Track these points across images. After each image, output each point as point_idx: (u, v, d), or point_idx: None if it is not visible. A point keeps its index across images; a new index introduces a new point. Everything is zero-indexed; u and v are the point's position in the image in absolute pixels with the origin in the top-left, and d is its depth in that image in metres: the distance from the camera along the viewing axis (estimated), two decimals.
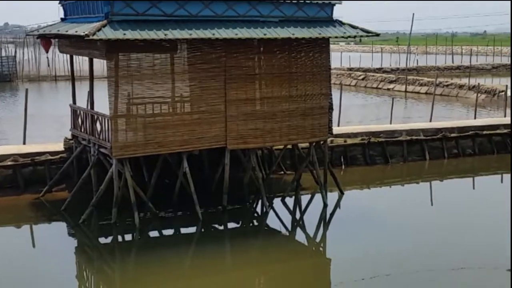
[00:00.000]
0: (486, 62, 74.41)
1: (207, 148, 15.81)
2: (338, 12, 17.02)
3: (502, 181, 21.37)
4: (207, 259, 13.47)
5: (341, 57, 71.86)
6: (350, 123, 24.71)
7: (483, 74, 62.40)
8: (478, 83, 40.80)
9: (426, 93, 44.50)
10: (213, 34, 14.23)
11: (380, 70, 61.72)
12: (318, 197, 17.36)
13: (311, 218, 16.63)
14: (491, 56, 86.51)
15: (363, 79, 54.14)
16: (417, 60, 69.13)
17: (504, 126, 24.43)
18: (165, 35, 13.80)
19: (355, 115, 28.75)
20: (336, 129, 21.89)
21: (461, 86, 44.94)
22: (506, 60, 77.70)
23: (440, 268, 12.94)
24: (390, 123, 25.04)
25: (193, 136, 15.14)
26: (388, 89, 49.00)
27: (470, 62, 60.89)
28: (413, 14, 52.82)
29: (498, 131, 24.14)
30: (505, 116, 28.32)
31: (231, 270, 13.48)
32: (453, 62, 72.43)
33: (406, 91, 46.72)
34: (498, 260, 13.36)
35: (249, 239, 15.06)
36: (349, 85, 53.41)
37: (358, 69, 60.80)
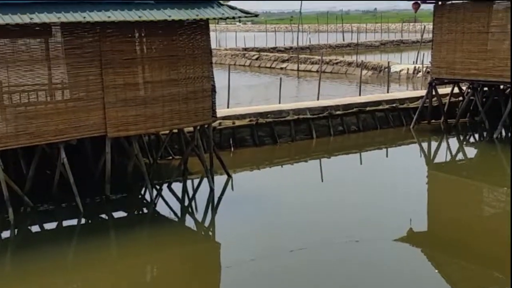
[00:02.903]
0: (375, 39, 77.31)
1: (87, 137, 15.20)
2: None
3: (387, 156, 22.18)
4: (91, 252, 12.94)
5: (236, 37, 71.95)
6: (239, 105, 24.68)
7: (372, 51, 64.73)
8: (362, 61, 42.16)
9: (317, 71, 45.25)
10: (84, 18, 13.52)
11: (274, 49, 62.46)
12: (206, 181, 17.21)
13: (200, 203, 16.46)
14: (380, 33, 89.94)
15: (257, 59, 54.49)
16: (309, 39, 70.62)
17: (386, 102, 25.39)
18: (31, 19, 12.94)
19: (245, 96, 28.81)
20: (225, 111, 21.87)
21: (349, 64, 46.36)
22: (393, 37, 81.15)
23: (333, 242, 13.23)
24: (279, 103, 25.30)
25: (69, 125, 14.44)
26: (281, 68, 49.62)
27: (358, 39, 62.98)
28: None
29: (380, 107, 25.04)
30: (387, 91, 29.44)
31: (117, 261, 13.04)
32: (343, 40, 74.53)
33: (298, 70, 47.49)
34: (387, 231, 13.84)
35: (136, 228, 14.66)
36: (244, 65, 53.69)
37: (252, 49, 61.16)
